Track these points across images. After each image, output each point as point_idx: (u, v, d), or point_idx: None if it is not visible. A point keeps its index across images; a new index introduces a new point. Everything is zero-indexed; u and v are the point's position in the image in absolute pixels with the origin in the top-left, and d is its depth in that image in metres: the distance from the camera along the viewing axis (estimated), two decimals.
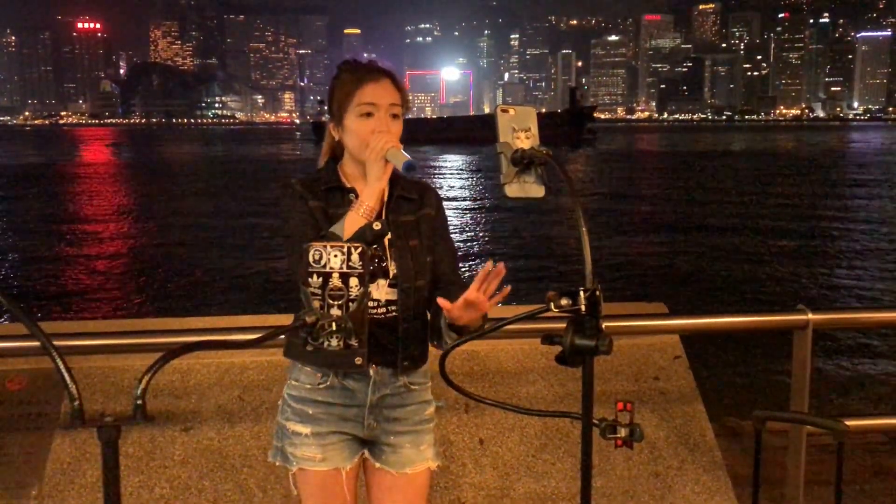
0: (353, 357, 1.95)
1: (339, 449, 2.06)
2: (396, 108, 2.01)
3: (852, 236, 21.74)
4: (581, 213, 1.36)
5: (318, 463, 2.04)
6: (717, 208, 27.89)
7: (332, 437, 2.05)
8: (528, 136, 1.57)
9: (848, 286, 15.52)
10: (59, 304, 14.29)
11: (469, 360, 3.44)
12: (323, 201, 2.01)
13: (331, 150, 2.13)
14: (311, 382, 2.05)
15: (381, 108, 1.98)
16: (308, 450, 2.04)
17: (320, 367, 2.03)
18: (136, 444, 3.08)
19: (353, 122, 2.00)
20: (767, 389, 8.07)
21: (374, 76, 2.00)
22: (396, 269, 2.01)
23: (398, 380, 2.07)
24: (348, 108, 2.00)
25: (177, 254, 19.25)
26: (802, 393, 3.28)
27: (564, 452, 3.31)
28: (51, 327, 3.46)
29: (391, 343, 2.04)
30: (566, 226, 21.85)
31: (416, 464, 2.09)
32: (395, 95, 2.01)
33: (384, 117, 1.98)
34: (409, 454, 2.08)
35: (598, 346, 1.31)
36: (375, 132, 1.95)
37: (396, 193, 2.08)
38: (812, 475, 3.50)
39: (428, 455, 2.12)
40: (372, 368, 2.03)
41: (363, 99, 1.98)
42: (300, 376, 2.07)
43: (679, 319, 3.69)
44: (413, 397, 2.10)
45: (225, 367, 3.27)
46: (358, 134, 1.99)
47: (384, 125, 1.97)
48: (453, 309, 1.84)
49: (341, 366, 1.99)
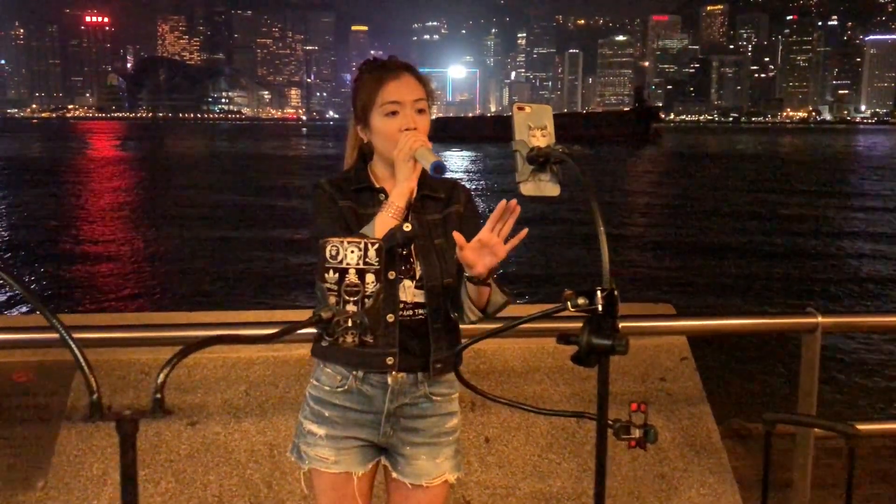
0: (385, 357, 1.94)
1: (353, 454, 2.03)
2: (422, 102, 1.99)
3: (863, 240, 21.67)
4: (598, 213, 1.34)
5: (330, 465, 2.02)
6: (727, 210, 27.81)
7: (346, 442, 2.03)
8: (543, 133, 1.56)
9: (858, 289, 15.47)
10: (66, 297, 14.33)
11: (476, 358, 3.44)
12: (353, 201, 1.99)
13: (356, 152, 2.10)
14: (329, 385, 2.03)
15: (405, 104, 1.96)
16: (321, 451, 2.03)
17: (346, 367, 2.00)
18: (143, 437, 3.08)
19: (379, 122, 1.98)
20: (774, 392, 8.06)
21: (395, 73, 1.98)
22: (421, 269, 1.98)
23: (419, 389, 2.02)
24: (373, 108, 1.98)
25: (183, 248, 19.29)
26: (810, 396, 3.26)
27: (570, 452, 3.30)
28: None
29: (420, 347, 2.00)
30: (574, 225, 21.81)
31: (433, 476, 2.03)
32: (419, 90, 1.99)
33: (410, 114, 1.96)
34: (424, 466, 2.03)
35: (615, 346, 1.30)
36: (403, 131, 1.93)
37: (423, 192, 2.05)
38: (818, 479, 3.48)
39: (445, 468, 2.05)
40: (391, 377, 1.99)
41: (387, 98, 1.96)
42: (321, 377, 2.05)
43: (686, 321, 3.70)
44: (434, 409, 2.05)
45: (231, 363, 3.27)
46: (385, 133, 1.97)
47: (410, 122, 1.95)
48: (467, 249, 1.77)
49: (371, 366, 1.97)
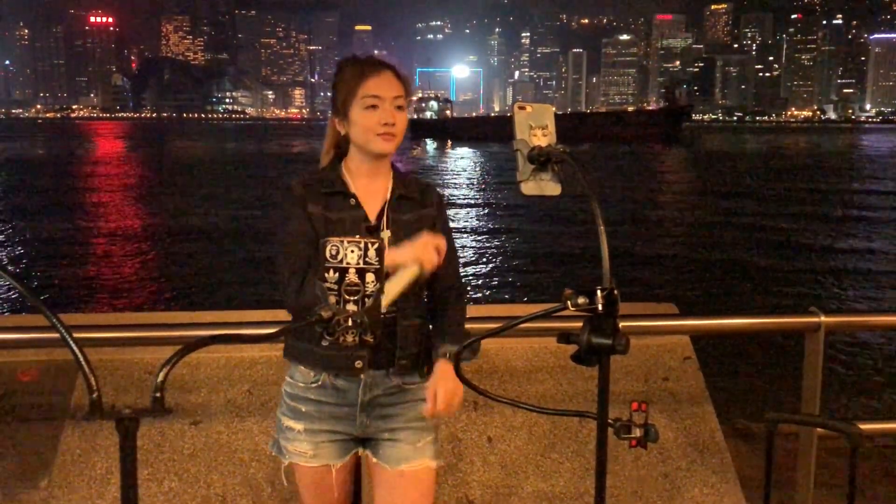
0: (353, 361, 1.99)
1: (330, 447, 2.08)
2: (401, 100, 2.05)
3: (866, 239, 21.61)
4: (598, 212, 1.34)
5: (309, 458, 2.08)
6: (730, 208, 27.77)
7: (323, 436, 2.08)
8: (544, 133, 1.56)
9: (861, 289, 15.43)
10: (69, 297, 14.35)
11: (478, 357, 3.44)
12: (324, 205, 2.03)
13: (334, 147, 2.15)
14: (304, 381, 2.08)
15: (385, 100, 2.01)
16: (300, 445, 2.08)
17: (315, 368, 2.05)
18: (146, 437, 3.09)
19: (359, 115, 2.02)
20: (777, 392, 8.04)
21: (377, 69, 2.04)
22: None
23: (391, 380, 2.07)
24: (353, 101, 2.03)
25: (187, 248, 19.31)
26: (814, 396, 3.25)
27: (573, 452, 3.30)
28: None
29: (389, 344, 2.05)
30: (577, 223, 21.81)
31: (413, 461, 2.07)
32: (399, 88, 2.05)
33: (389, 109, 2.02)
34: (404, 450, 2.08)
35: (615, 345, 1.30)
36: (383, 125, 2.00)
37: (398, 193, 2.10)
38: (821, 478, 3.48)
39: (427, 453, 2.10)
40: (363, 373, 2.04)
41: (367, 91, 2.01)
42: (295, 374, 2.11)
43: (689, 320, 3.69)
44: (408, 396, 2.10)
45: (234, 362, 3.28)
46: (363, 125, 2.02)
47: (389, 116, 2.01)
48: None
49: (340, 368, 2.02)
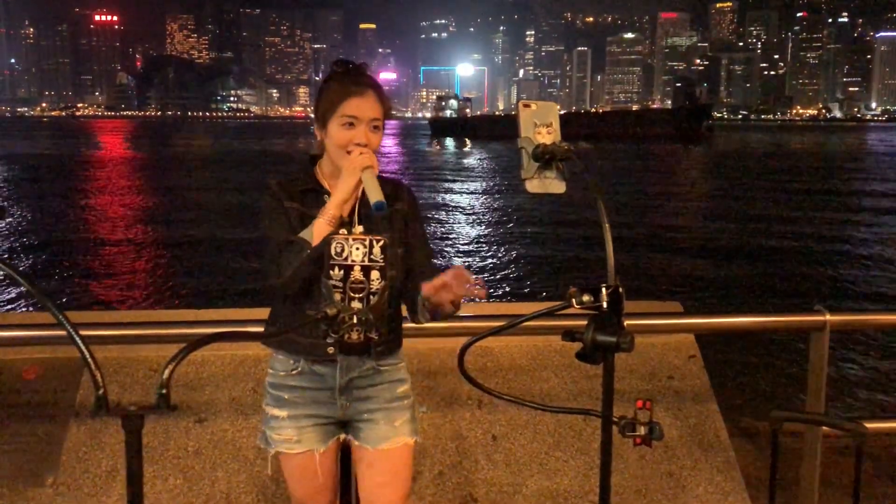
0: (326, 347, 2.11)
1: (313, 432, 2.18)
2: (377, 121, 2.14)
3: (872, 238, 21.55)
4: (604, 210, 1.34)
5: (293, 445, 2.18)
6: (737, 208, 27.72)
7: (306, 421, 2.18)
8: (549, 131, 1.56)
9: (866, 287, 15.38)
10: (73, 294, 14.39)
11: (482, 355, 3.44)
12: (300, 202, 2.13)
13: (319, 148, 2.24)
14: (284, 370, 2.19)
15: (362, 121, 2.10)
16: (285, 432, 2.17)
17: (293, 355, 2.16)
18: (151, 434, 3.10)
19: (335, 130, 2.12)
20: (782, 391, 8.02)
21: (360, 90, 2.12)
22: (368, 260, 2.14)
23: (365, 363, 2.17)
24: (332, 116, 2.13)
25: (191, 246, 19.33)
26: (819, 395, 3.25)
27: (577, 450, 3.30)
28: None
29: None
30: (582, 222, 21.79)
31: (392, 439, 2.18)
32: (378, 110, 2.14)
33: (364, 130, 2.11)
34: (383, 430, 2.18)
35: (620, 343, 1.30)
36: (355, 145, 2.08)
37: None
38: (826, 477, 3.47)
39: (404, 431, 2.21)
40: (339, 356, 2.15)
41: (346, 111, 2.10)
42: (275, 364, 2.21)
43: (694, 318, 3.69)
44: (383, 377, 2.20)
45: (239, 360, 3.29)
46: (338, 141, 2.11)
47: (363, 137, 2.10)
48: (431, 291, 1.96)
49: (315, 354, 2.13)
